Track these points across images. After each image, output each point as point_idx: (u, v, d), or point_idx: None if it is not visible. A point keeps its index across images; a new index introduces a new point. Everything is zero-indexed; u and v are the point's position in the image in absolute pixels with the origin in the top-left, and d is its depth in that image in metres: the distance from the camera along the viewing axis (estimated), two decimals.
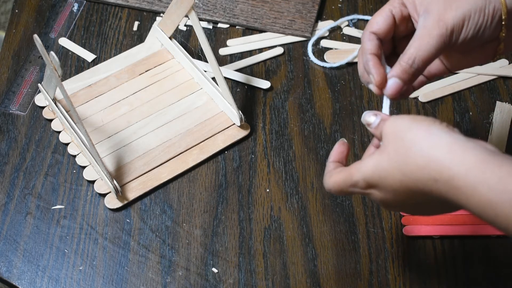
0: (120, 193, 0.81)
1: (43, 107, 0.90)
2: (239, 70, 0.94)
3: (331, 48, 0.96)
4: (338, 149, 0.66)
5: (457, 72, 0.93)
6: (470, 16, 0.61)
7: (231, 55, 0.96)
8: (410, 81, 0.63)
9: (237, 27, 0.99)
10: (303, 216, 0.81)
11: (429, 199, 0.57)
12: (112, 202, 0.82)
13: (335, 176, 0.62)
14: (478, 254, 0.78)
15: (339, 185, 0.62)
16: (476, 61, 0.68)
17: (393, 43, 0.68)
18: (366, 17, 0.99)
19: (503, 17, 0.62)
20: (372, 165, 0.59)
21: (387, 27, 0.64)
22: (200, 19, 0.98)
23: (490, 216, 0.52)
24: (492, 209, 0.51)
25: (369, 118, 0.62)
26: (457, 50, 0.66)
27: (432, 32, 0.61)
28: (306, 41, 0.97)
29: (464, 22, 0.61)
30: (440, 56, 0.68)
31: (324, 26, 0.98)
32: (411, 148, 0.55)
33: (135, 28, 0.98)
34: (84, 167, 0.84)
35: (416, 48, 0.61)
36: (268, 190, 0.83)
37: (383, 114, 0.62)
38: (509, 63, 0.94)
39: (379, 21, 0.64)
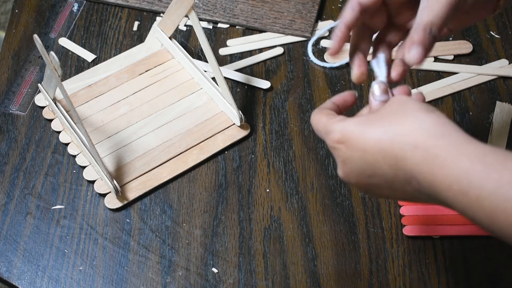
0: (120, 193, 0.81)
1: (43, 107, 0.90)
2: (239, 70, 0.94)
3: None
4: (345, 96, 0.64)
5: (457, 72, 0.93)
6: None
7: (231, 55, 0.96)
8: (428, 50, 0.61)
9: (237, 27, 0.99)
10: (303, 216, 0.81)
11: (394, 172, 0.54)
12: (112, 202, 0.82)
13: (322, 114, 0.61)
14: (478, 254, 0.78)
15: (318, 123, 0.60)
16: (477, 18, 0.66)
17: (388, 14, 0.66)
18: None
19: None
20: (356, 121, 0.57)
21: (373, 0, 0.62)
22: (200, 19, 0.98)
23: (463, 187, 0.49)
24: (467, 178, 0.49)
25: (380, 91, 0.61)
26: (463, 10, 0.63)
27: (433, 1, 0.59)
28: (306, 41, 0.97)
29: None
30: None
31: (324, 26, 0.98)
32: (408, 114, 0.54)
33: (135, 28, 0.98)
34: (84, 167, 0.84)
35: (429, 17, 0.59)
36: (268, 190, 0.83)
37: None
38: (509, 63, 0.94)
39: None
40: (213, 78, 0.90)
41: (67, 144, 0.86)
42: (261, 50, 0.96)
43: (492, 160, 0.49)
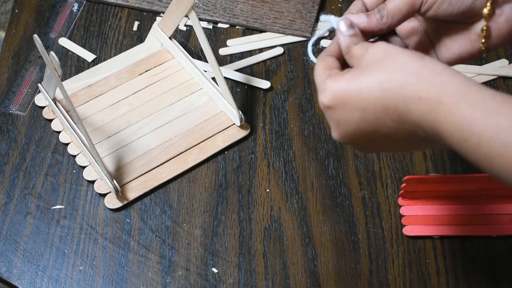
0: (120, 193, 0.81)
1: (43, 107, 0.90)
2: (239, 70, 0.94)
3: None
4: (337, 46, 0.60)
5: None
6: None
7: (231, 55, 0.96)
8: (372, 23, 0.60)
9: (237, 27, 0.99)
10: (303, 216, 0.81)
11: (398, 126, 0.54)
12: (112, 202, 0.82)
13: (321, 64, 0.58)
14: (478, 254, 0.78)
15: (315, 75, 0.58)
16: (464, 49, 0.63)
17: None
18: None
19: None
20: (348, 79, 0.55)
21: None
22: (200, 19, 0.98)
23: (464, 134, 0.50)
24: (468, 126, 0.50)
25: (345, 27, 0.59)
26: (438, 25, 0.63)
27: None
28: (306, 41, 0.97)
29: None
30: (430, 44, 0.65)
31: (324, 26, 0.98)
32: (402, 66, 0.53)
33: (135, 28, 0.98)
34: (84, 167, 0.84)
35: (390, 2, 0.60)
36: (268, 190, 0.83)
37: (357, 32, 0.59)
38: (509, 63, 0.94)
39: None
40: (213, 78, 0.90)
41: (67, 144, 0.86)
42: (261, 50, 0.96)
43: (491, 106, 0.50)
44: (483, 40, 0.61)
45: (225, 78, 0.90)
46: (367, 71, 0.54)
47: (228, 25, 0.99)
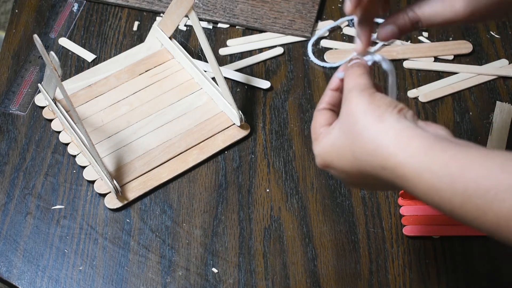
0: (120, 193, 0.81)
1: (43, 107, 0.90)
2: (239, 70, 0.94)
3: (331, 48, 0.96)
4: (331, 93, 0.65)
5: (457, 72, 0.93)
6: None
7: (231, 55, 0.96)
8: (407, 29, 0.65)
9: (237, 27, 0.99)
10: (303, 216, 0.81)
11: (379, 182, 0.57)
12: (112, 202, 0.82)
13: (316, 119, 0.63)
14: (478, 254, 0.78)
15: (312, 129, 0.63)
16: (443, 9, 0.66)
17: None
18: None
19: None
20: (329, 144, 0.60)
21: None
22: (200, 19, 0.98)
23: (435, 201, 0.52)
24: (437, 194, 0.51)
25: (339, 75, 0.63)
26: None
27: None
28: (306, 41, 0.97)
29: None
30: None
31: (324, 26, 0.98)
32: (363, 133, 0.56)
33: (135, 28, 0.98)
34: (84, 167, 0.84)
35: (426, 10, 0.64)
36: (268, 190, 0.83)
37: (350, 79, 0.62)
38: (509, 63, 0.94)
39: None
40: (213, 78, 0.90)
41: (67, 144, 0.86)
42: (261, 50, 0.96)
43: (453, 170, 0.51)
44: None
45: (225, 78, 0.90)
46: (342, 133, 0.58)
47: (228, 25, 0.99)
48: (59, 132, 0.87)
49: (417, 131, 0.54)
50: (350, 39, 0.98)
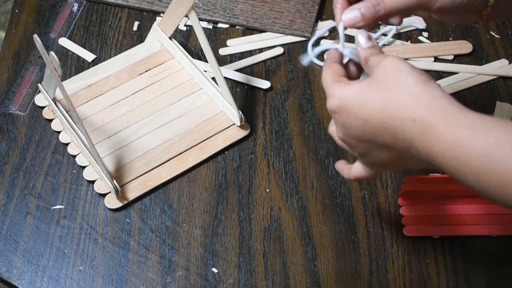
0: (120, 193, 0.81)
1: (43, 107, 0.90)
2: (239, 70, 0.94)
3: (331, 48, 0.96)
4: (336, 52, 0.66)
5: (457, 72, 0.93)
6: None
7: (231, 55, 0.96)
8: (369, 20, 0.66)
9: (237, 27, 0.99)
10: (303, 216, 0.81)
11: (394, 141, 0.58)
12: (112, 202, 0.82)
13: (328, 71, 0.63)
14: (478, 254, 0.78)
15: (323, 80, 0.63)
16: (465, 20, 0.69)
17: None
18: None
19: None
20: (356, 90, 0.60)
21: None
22: (200, 19, 0.98)
23: (454, 153, 0.53)
24: (458, 145, 0.53)
25: (364, 39, 0.63)
26: (439, 12, 0.67)
27: None
28: (306, 41, 0.97)
29: None
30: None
31: (324, 26, 0.98)
32: (405, 88, 0.57)
33: (135, 28, 0.98)
34: (84, 167, 0.84)
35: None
36: (268, 190, 0.83)
37: (374, 43, 0.63)
38: (509, 63, 0.94)
39: None
40: (213, 78, 0.90)
41: (67, 144, 0.86)
42: (261, 50, 0.96)
43: (479, 127, 0.54)
44: (489, 9, 0.66)
45: (225, 78, 0.90)
46: (374, 86, 0.59)
47: (228, 25, 0.99)
48: (59, 132, 0.87)
49: (454, 101, 0.56)
50: (350, 39, 0.98)
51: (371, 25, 0.67)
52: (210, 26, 0.99)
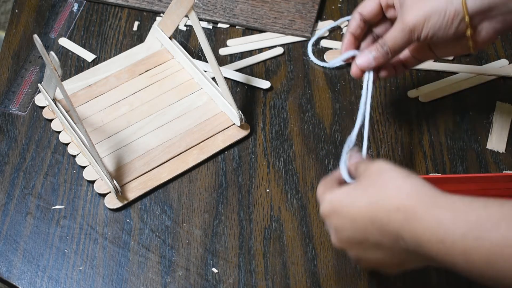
0: (120, 193, 0.81)
1: (43, 107, 0.90)
2: (239, 70, 0.94)
3: (331, 48, 0.96)
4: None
5: (457, 72, 0.93)
6: (431, 16, 0.70)
7: (231, 55, 0.96)
8: (380, 61, 0.75)
9: (237, 27, 0.99)
10: (303, 216, 0.81)
11: (382, 235, 0.59)
12: (112, 202, 0.82)
13: (321, 184, 0.67)
14: None
15: (317, 193, 0.67)
16: (456, 52, 0.76)
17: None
18: None
19: (466, 18, 0.70)
20: (344, 192, 0.63)
21: (374, 12, 0.77)
22: (200, 19, 0.98)
23: (439, 236, 0.55)
24: (442, 228, 0.55)
25: (353, 157, 0.69)
26: (430, 43, 0.75)
27: (398, 28, 0.72)
28: (306, 41, 0.97)
29: (424, 22, 0.70)
30: (428, 47, 0.77)
31: (324, 26, 0.98)
32: (388, 182, 0.60)
33: (135, 28, 0.98)
34: (84, 167, 0.84)
35: (388, 37, 0.73)
36: (268, 190, 0.83)
37: (362, 156, 0.70)
38: (509, 63, 0.94)
39: (368, 6, 0.77)
40: (213, 78, 0.90)
41: (67, 144, 0.86)
42: (261, 50, 0.96)
43: (460, 206, 0.55)
44: (471, 46, 0.73)
45: (225, 78, 0.90)
46: (360, 186, 0.62)
47: (228, 25, 0.99)
48: (59, 132, 0.87)
49: (436, 189, 0.59)
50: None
51: (381, 64, 0.75)
52: (210, 26, 0.99)
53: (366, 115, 0.75)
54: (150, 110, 0.89)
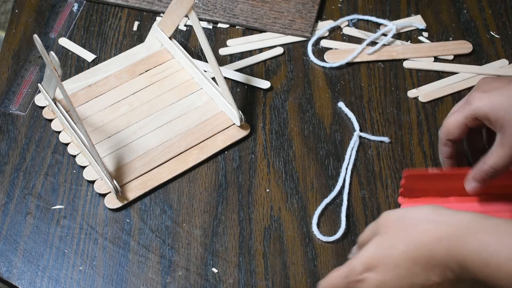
0: (120, 193, 0.81)
1: (43, 107, 0.90)
2: (239, 70, 0.94)
3: (331, 48, 0.96)
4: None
5: (457, 72, 0.93)
6: None
7: (231, 55, 0.96)
8: (487, 183, 0.72)
9: (237, 27, 0.99)
10: (303, 216, 0.81)
11: (428, 272, 0.59)
12: (112, 202, 0.82)
13: (329, 276, 0.65)
14: None
15: (335, 279, 0.64)
16: None
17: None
18: (365, 17, 0.99)
19: None
20: (373, 246, 0.62)
21: (460, 135, 0.73)
22: (200, 19, 0.98)
23: (484, 259, 0.55)
24: (486, 251, 0.55)
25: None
26: None
27: (504, 152, 0.68)
28: (306, 41, 0.97)
29: None
30: None
31: (324, 26, 0.98)
32: (418, 220, 0.60)
33: (135, 28, 0.98)
34: (84, 167, 0.84)
35: (492, 161, 0.69)
36: (268, 190, 0.83)
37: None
38: (509, 63, 0.94)
39: (455, 132, 0.73)
40: (213, 78, 0.90)
41: (67, 144, 0.86)
42: (261, 50, 0.96)
43: (504, 230, 0.55)
44: None
45: (225, 78, 0.90)
46: (388, 235, 0.61)
47: (228, 25, 0.99)
48: (59, 132, 0.87)
49: (472, 212, 0.59)
50: (350, 39, 0.98)
51: (489, 183, 0.72)
52: (210, 26, 0.99)
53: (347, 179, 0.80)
54: (150, 110, 0.89)
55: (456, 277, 0.58)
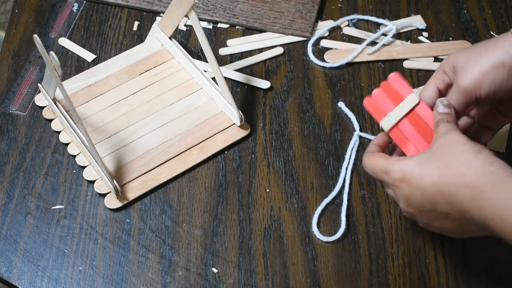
0: (120, 193, 0.81)
1: (43, 107, 0.90)
2: (239, 70, 0.94)
3: (331, 48, 0.96)
4: (382, 137, 0.73)
5: None
6: (488, 73, 0.68)
7: (231, 55, 0.96)
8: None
9: (237, 27, 0.99)
10: (303, 216, 0.81)
11: (450, 208, 0.63)
12: (112, 202, 0.82)
13: (375, 158, 0.70)
14: (478, 254, 0.78)
15: (375, 167, 0.69)
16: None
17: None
18: (365, 17, 0.99)
19: None
20: (416, 161, 0.65)
21: (434, 98, 0.72)
22: (200, 19, 0.98)
23: (502, 216, 0.58)
24: (504, 209, 0.58)
25: (442, 106, 0.69)
26: (496, 102, 0.73)
27: (454, 91, 0.71)
28: (306, 41, 0.97)
29: (481, 81, 0.68)
30: (493, 110, 0.75)
31: (324, 26, 0.98)
32: (459, 157, 0.62)
33: (135, 28, 0.98)
34: (84, 167, 0.84)
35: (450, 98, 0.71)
36: (268, 190, 0.83)
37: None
38: None
39: (426, 95, 0.73)
40: (213, 78, 0.90)
41: (67, 144, 0.86)
42: (261, 50, 0.96)
43: None
44: None
45: (225, 78, 0.90)
46: (433, 157, 0.64)
47: (228, 25, 0.99)
48: (59, 132, 0.87)
49: (507, 168, 0.61)
50: (350, 39, 0.98)
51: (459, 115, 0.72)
52: (210, 26, 0.99)
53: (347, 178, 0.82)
54: (150, 110, 0.89)
55: (475, 222, 0.61)
